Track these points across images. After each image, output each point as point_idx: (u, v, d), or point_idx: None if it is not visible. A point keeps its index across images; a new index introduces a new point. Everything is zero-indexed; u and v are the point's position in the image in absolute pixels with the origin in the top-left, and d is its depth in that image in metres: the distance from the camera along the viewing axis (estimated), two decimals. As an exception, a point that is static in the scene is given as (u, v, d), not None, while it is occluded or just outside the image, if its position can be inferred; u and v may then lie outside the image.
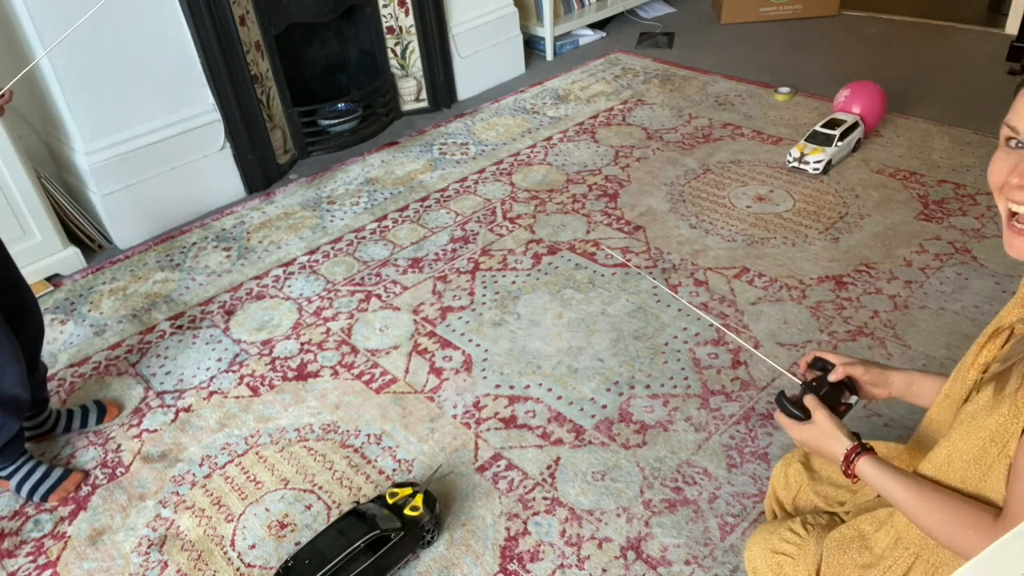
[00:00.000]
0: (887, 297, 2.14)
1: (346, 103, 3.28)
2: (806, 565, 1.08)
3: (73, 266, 2.59)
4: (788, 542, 1.12)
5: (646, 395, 1.90)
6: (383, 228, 2.68)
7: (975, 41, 3.69)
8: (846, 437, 0.99)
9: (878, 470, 0.95)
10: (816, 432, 1.02)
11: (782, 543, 1.12)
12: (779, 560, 1.12)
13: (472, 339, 2.13)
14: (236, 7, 2.74)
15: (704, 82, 3.53)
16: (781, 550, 1.12)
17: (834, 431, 1.01)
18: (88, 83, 2.48)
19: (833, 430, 1.01)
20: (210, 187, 2.88)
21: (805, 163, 2.72)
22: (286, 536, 1.64)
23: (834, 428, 1.01)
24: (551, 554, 1.55)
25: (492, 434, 1.83)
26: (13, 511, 1.77)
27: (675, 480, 1.68)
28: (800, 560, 1.09)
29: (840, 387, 1.09)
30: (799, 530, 1.12)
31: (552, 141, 3.15)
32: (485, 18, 3.57)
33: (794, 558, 1.10)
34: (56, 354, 2.23)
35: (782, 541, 1.13)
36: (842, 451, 0.99)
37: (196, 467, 1.83)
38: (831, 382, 1.09)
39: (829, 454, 1.01)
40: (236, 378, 2.08)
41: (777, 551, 1.12)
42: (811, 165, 2.71)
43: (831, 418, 1.02)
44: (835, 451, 1.00)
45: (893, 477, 0.94)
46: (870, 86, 2.90)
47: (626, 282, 2.29)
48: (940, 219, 2.43)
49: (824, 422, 1.02)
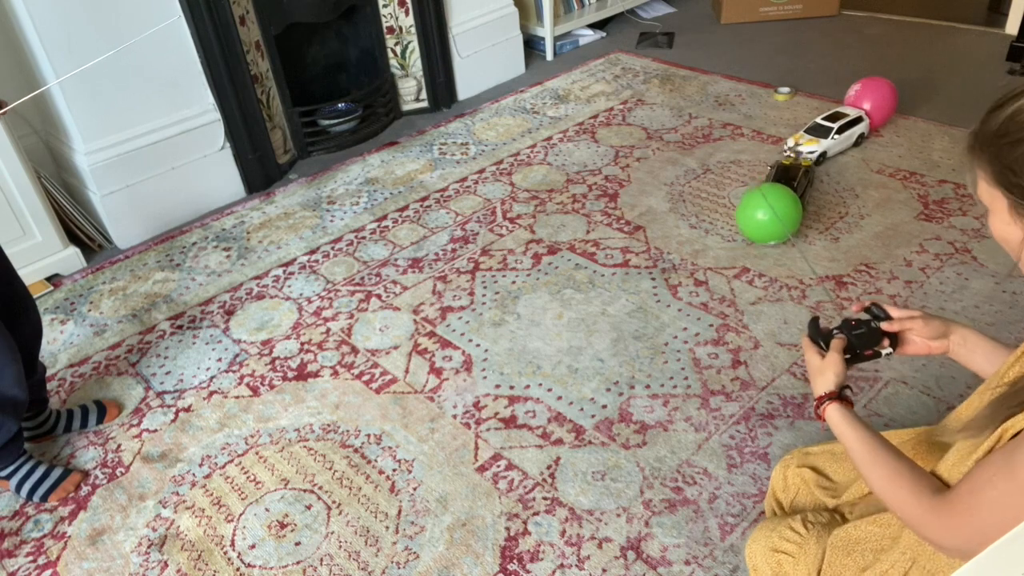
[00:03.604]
0: (887, 297, 2.13)
1: (346, 103, 3.28)
2: (806, 564, 1.08)
3: (73, 266, 2.59)
4: (788, 540, 1.12)
5: (646, 395, 1.90)
6: (383, 228, 2.68)
7: (975, 41, 3.69)
8: (833, 381, 1.03)
9: (843, 419, 0.99)
10: (817, 365, 1.08)
11: (782, 541, 1.12)
12: (779, 559, 1.12)
13: (472, 339, 2.13)
14: (236, 7, 2.74)
15: (704, 82, 3.53)
16: (781, 548, 1.12)
17: (829, 372, 1.05)
18: (88, 83, 2.48)
19: (829, 370, 1.05)
20: (210, 187, 2.88)
21: (798, 152, 2.73)
22: (286, 536, 1.64)
23: (831, 370, 1.05)
24: (551, 554, 1.55)
25: (492, 434, 1.83)
26: (13, 511, 1.77)
27: (675, 480, 1.68)
28: (800, 559, 1.09)
29: (879, 335, 1.11)
30: (799, 528, 1.13)
31: (552, 141, 3.15)
32: (485, 18, 3.57)
33: (794, 556, 1.10)
34: (56, 354, 2.23)
35: (782, 540, 1.13)
36: (822, 391, 1.04)
37: (196, 467, 1.83)
38: (874, 327, 1.11)
39: (814, 387, 1.07)
40: (236, 378, 2.08)
41: (777, 549, 1.12)
42: (803, 155, 2.72)
43: (837, 362, 1.05)
44: (818, 388, 1.05)
45: (855, 430, 0.98)
46: (882, 82, 2.90)
47: (626, 282, 2.29)
48: (940, 219, 2.43)
49: (829, 361, 1.06)
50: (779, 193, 2.31)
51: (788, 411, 1.81)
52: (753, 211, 2.32)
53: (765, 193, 2.31)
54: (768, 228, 2.31)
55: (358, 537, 1.62)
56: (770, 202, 2.27)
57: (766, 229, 2.31)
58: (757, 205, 2.31)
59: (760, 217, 2.30)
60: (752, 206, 2.32)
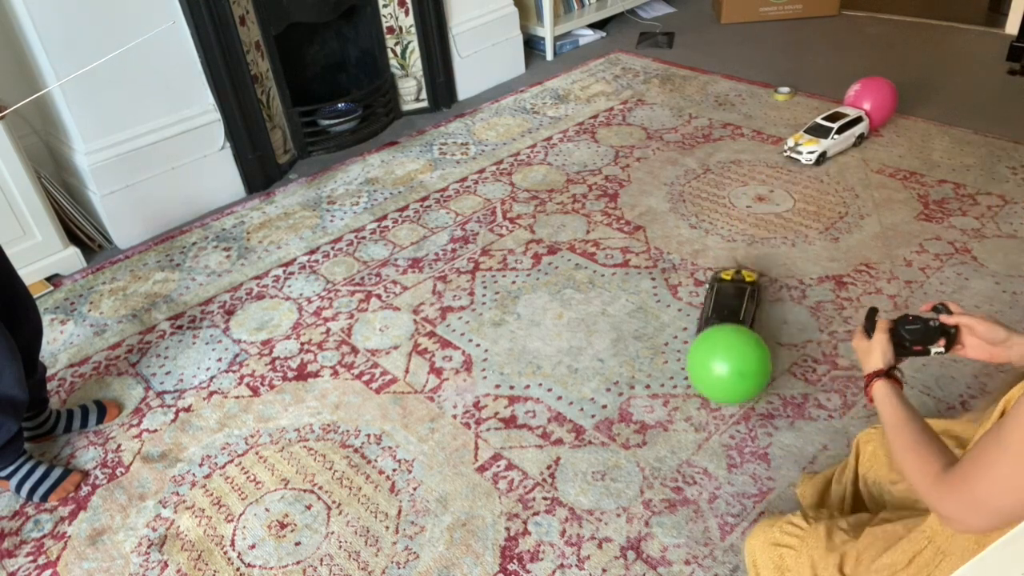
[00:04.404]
0: (887, 297, 2.14)
1: (346, 103, 3.28)
2: (808, 555, 1.09)
3: (73, 266, 2.59)
4: (790, 535, 1.13)
5: (646, 395, 1.90)
6: (383, 228, 2.68)
7: (975, 41, 3.69)
8: (881, 360, 1.08)
9: (886, 395, 1.03)
10: (865, 347, 1.13)
11: (784, 536, 1.14)
12: (781, 552, 1.13)
13: (472, 339, 2.13)
14: (236, 7, 2.74)
15: (704, 82, 3.53)
16: (783, 542, 1.13)
17: (876, 351, 1.09)
18: (88, 83, 2.48)
19: (876, 350, 1.10)
20: (210, 187, 2.88)
21: (798, 152, 2.74)
22: (286, 536, 1.64)
23: (878, 349, 1.09)
24: (551, 554, 1.55)
25: (492, 434, 1.83)
26: (13, 511, 1.77)
27: (675, 480, 1.68)
28: (802, 551, 1.10)
29: (934, 334, 1.12)
30: (800, 523, 1.14)
31: (552, 141, 3.15)
32: (485, 18, 3.57)
33: (796, 549, 1.11)
34: (56, 354, 2.23)
35: (783, 534, 1.14)
36: (870, 369, 1.08)
37: (196, 467, 1.83)
38: (931, 327, 1.12)
39: (863, 367, 1.12)
40: (236, 378, 2.08)
41: (779, 543, 1.14)
42: (803, 155, 2.73)
43: (882, 342, 1.10)
44: (866, 367, 1.10)
45: (893, 405, 1.01)
46: (882, 82, 2.90)
47: (626, 282, 2.29)
48: (940, 219, 2.43)
49: (875, 341, 1.11)
50: (731, 340, 1.77)
51: (788, 411, 1.81)
52: (706, 370, 1.78)
53: (714, 346, 1.77)
54: (733, 389, 1.77)
55: (358, 537, 1.62)
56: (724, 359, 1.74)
57: (731, 390, 1.78)
58: (707, 361, 1.77)
59: (719, 373, 1.75)
60: (702, 364, 1.79)
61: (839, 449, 1.70)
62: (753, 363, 1.74)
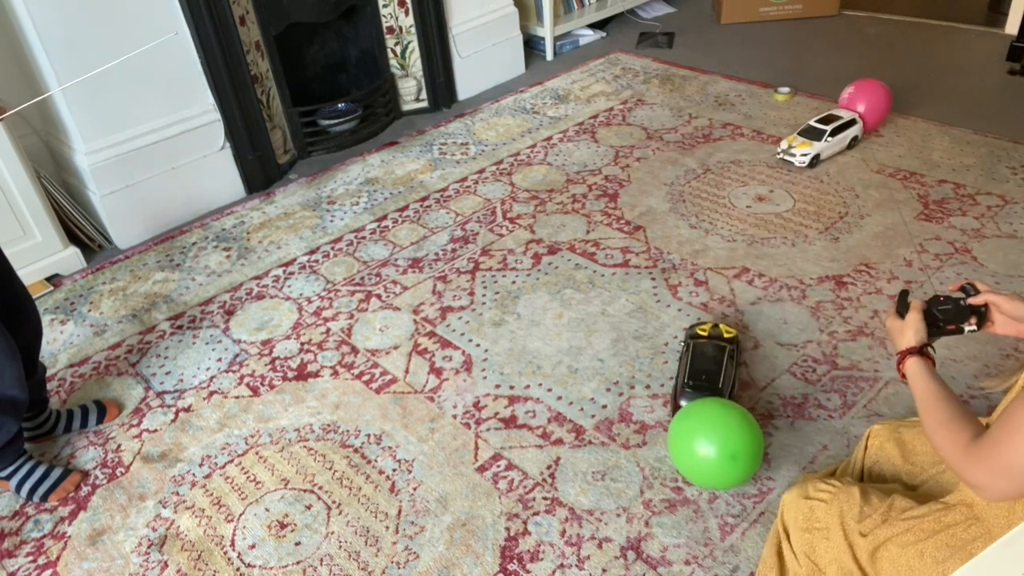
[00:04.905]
0: (887, 297, 2.14)
1: (346, 103, 3.28)
2: (838, 507, 1.13)
3: (73, 266, 2.59)
4: (822, 491, 1.18)
5: (646, 395, 1.90)
6: (383, 228, 2.68)
7: (975, 41, 3.69)
8: (914, 338, 1.11)
9: (919, 372, 1.07)
10: (898, 326, 1.16)
11: (817, 491, 1.18)
12: (811, 504, 1.17)
13: (472, 339, 2.13)
14: (236, 7, 2.74)
15: (704, 82, 3.53)
16: (815, 496, 1.18)
17: (909, 330, 1.13)
18: (88, 83, 2.47)
19: (909, 329, 1.13)
20: (210, 187, 2.88)
21: (791, 155, 2.75)
22: (286, 536, 1.64)
23: (911, 328, 1.13)
24: (551, 554, 1.55)
25: (492, 434, 1.83)
26: (13, 511, 1.77)
27: (675, 480, 1.67)
28: (833, 504, 1.14)
29: (966, 313, 1.16)
30: (834, 482, 1.19)
31: (552, 141, 3.15)
32: (485, 18, 3.57)
33: (827, 503, 1.15)
34: (56, 354, 2.23)
35: (817, 490, 1.19)
36: (903, 347, 1.12)
37: (196, 467, 1.83)
38: (962, 306, 1.16)
39: (895, 345, 1.15)
40: (236, 378, 2.08)
41: (811, 496, 1.18)
42: (797, 157, 2.73)
43: (915, 320, 1.13)
44: (899, 344, 1.13)
45: (926, 381, 1.05)
46: (875, 84, 2.90)
47: (626, 282, 2.29)
48: (940, 219, 2.43)
49: (908, 321, 1.14)
50: (717, 420, 1.58)
51: (788, 411, 1.81)
52: (689, 453, 1.60)
53: (697, 427, 1.59)
54: (722, 475, 1.59)
55: (358, 537, 1.62)
56: (712, 444, 1.56)
57: (720, 475, 1.59)
58: (690, 443, 1.59)
59: (703, 454, 1.56)
60: (684, 447, 1.60)
61: (839, 449, 1.70)
62: (745, 444, 1.55)
